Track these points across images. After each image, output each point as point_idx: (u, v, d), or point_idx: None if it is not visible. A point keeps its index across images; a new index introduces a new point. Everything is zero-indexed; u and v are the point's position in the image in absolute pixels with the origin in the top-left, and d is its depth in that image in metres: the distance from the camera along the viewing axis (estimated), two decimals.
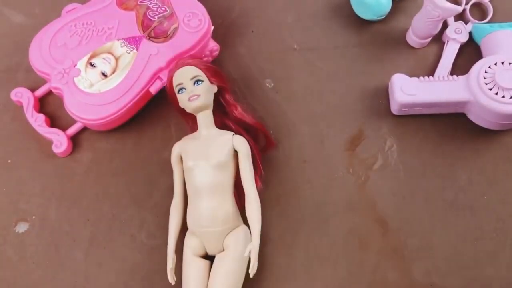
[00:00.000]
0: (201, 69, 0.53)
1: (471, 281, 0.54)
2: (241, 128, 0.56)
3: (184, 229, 0.53)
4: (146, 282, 0.54)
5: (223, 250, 0.51)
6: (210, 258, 0.52)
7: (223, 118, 0.56)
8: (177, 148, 0.54)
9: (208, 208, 0.51)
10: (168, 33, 0.58)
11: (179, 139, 0.54)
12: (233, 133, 0.53)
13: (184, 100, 0.53)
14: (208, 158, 0.51)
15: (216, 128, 0.54)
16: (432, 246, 0.55)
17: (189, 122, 0.57)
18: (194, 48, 0.58)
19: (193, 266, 0.51)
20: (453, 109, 0.59)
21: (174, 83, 0.53)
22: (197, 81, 0.53)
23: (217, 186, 0.51)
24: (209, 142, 0.52)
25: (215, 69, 0.55)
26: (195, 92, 0.52)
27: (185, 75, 0.53)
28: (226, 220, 0.51)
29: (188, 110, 0.53)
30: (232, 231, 0.51)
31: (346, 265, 0.55)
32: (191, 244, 0.52)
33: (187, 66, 0.53)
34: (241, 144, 0.52)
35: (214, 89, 0.54)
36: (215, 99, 0.55)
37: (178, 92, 0.53)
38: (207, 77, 0.53)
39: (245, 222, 0.53)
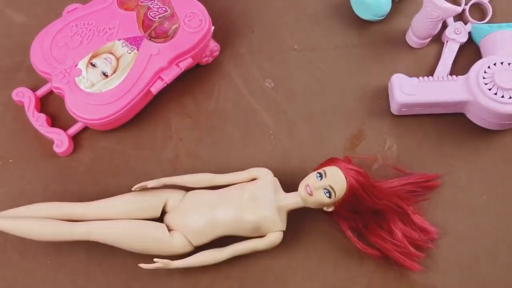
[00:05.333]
0: None
1: (470, 281, 0.54)
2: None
3: None
4: (147, 281, 0.54)
5: None
6: None
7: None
8: None
9: None
10: (169, 33, 0.58)
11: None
12: None
13: None
14: None
15: None
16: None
17: None
18: (194, 48, 0.58)
19: None
20: (453, 109, 0.59)
21: None
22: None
23: None
24: None
25: None
26: None
27: None
28: None
29: None
30: None
31: (346, 265, 0.55)
32: None
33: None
34: None
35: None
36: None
37: None
38: None
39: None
